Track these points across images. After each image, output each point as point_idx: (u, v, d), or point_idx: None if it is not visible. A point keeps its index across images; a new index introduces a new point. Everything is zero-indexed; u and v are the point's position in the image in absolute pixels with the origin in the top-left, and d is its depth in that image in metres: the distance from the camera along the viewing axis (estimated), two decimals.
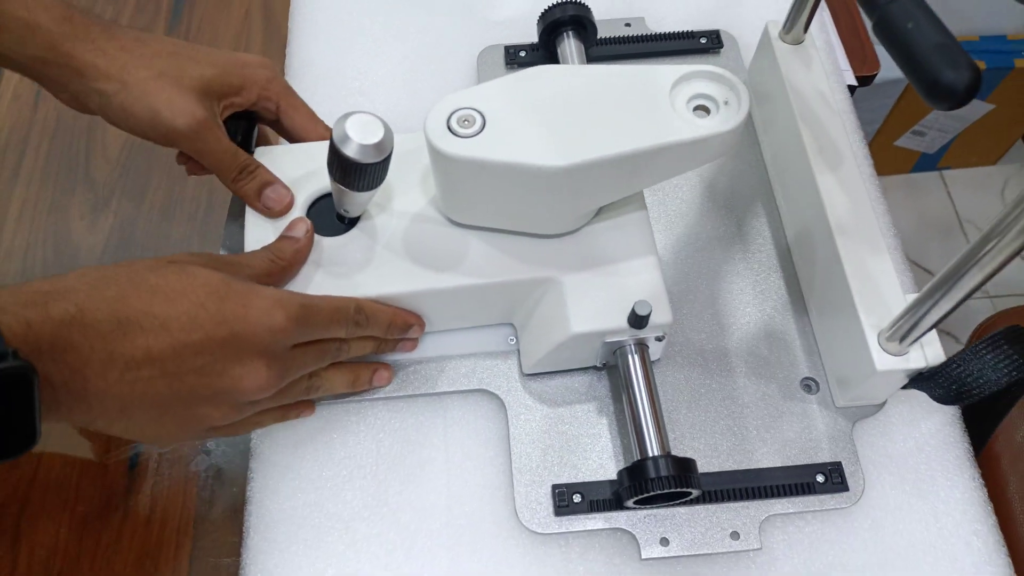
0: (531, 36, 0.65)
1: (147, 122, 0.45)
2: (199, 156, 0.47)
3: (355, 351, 0.47)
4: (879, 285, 0.47)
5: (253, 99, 0.49)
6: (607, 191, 0.46)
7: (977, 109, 1.52)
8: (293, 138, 0.52)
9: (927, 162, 1.66)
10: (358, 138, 0.42)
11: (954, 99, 0.40)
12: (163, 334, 0.37)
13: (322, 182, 0.50)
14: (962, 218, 1.65)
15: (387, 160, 0.43)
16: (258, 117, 0.52)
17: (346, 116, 0.42)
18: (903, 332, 0.43)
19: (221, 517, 0.51)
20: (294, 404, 0.47)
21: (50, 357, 0.34)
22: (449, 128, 0.43)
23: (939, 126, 1.56)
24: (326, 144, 0.51)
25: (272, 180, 0.48)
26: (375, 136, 0.42)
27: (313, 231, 0.47)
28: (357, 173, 0.43)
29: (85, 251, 0.61)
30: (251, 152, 0.51)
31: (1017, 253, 0.37)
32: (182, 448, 0.54)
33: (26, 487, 0.52)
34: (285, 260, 0.45)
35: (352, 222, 0.49)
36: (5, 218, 0.63)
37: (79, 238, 0.62)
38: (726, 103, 0.44)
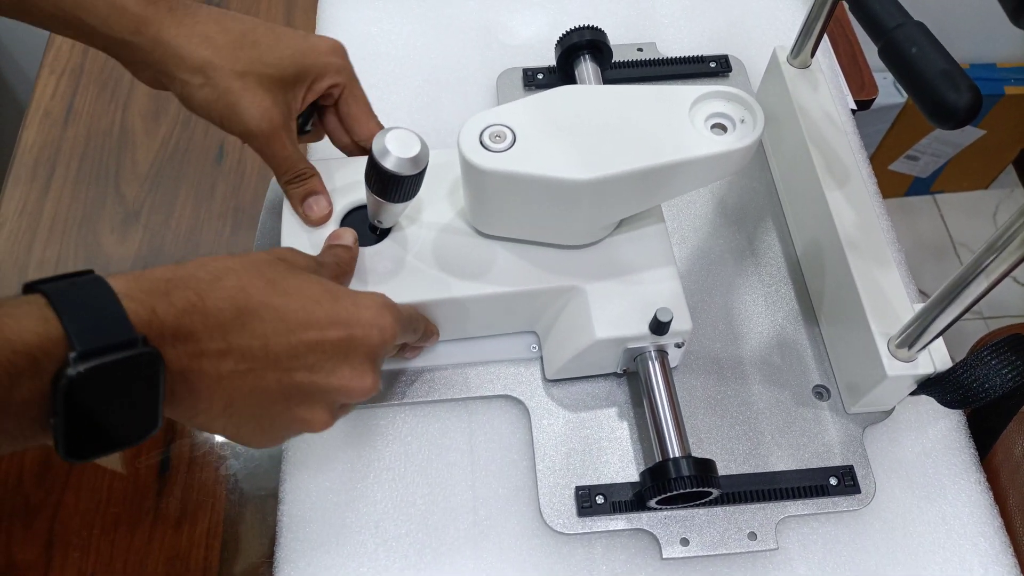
0: (547, 59, 0.68)
1: (225, 117, 0.47)
2: (263, 156, 0.49)
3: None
4: (887, 295, 0.49)
5: (325, 88, 0.50)
6: (629, 204, 0.48)
7: (969, 135, 1.56)
8: (346, 126, 0.53)
9: (920, 186, 1.70)
10: (396, 152, 0.44)
11: (956, 119, 0.43)
12: (280, 326, 0.37)
13: (352, 196, 0.52)
14: (955, 241, 1.68)
15: (422, 173, 0.46)
16: (318, 101, 0.52)
17: (385, 131, 0.44)
18: (912, 339, 0.46)
19: (250, 519, 0.53)
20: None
21: (171, 344, 0.34)
22: (481, 143, 0.45)
23: (932, 151, 1.60)
24: (354, 160, 0.54)
25: (319, 191, 0.51)
26: (412, 150, 0.44)
27: (358, 240, 0.49)
28: (394, 185, 0.45)
29: (116, 264, 0.63)
30: (305, 131, 0.52)
31: (1019, 263, 0.40)
32: (211, 451, 0.55)
33: (60, 490, 0.53)
34: (346, 265, 0.47)
35: (384, 233, 0.51)
36: (36, 231, 0.64)
37: (110, 251, 0.64)
38: (742, 121, 0.47)
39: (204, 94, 0.46)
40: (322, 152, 0.57)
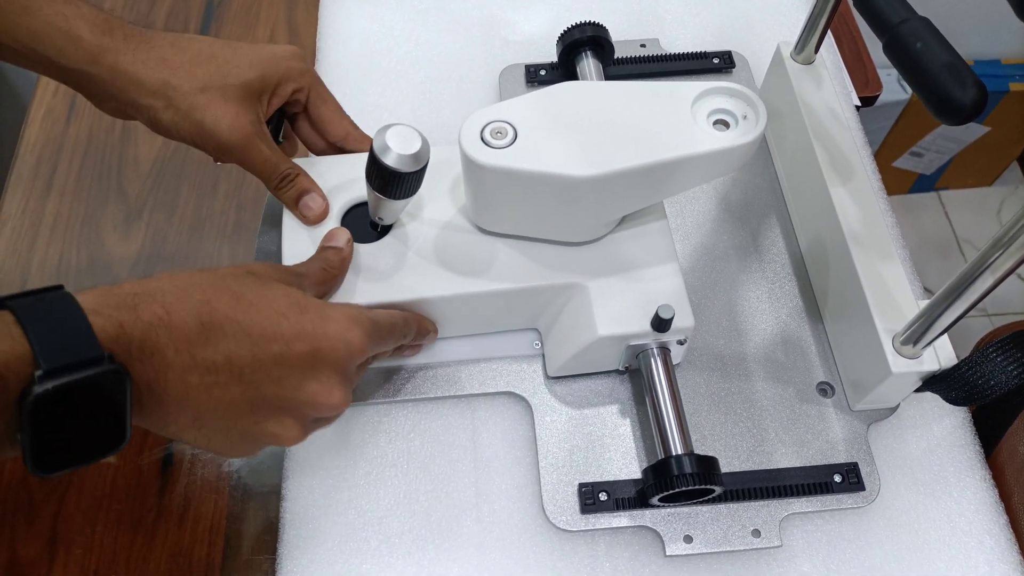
0: (549, 55, 0.68)
1: (195, 135, 0.47)
2: (244, 166, 0.49)
3: (382, 358, 0.48)
4: (892, 291, 0.49)
5: (289, 93, 0.50)
6: (631, 200, 0.48)
7: (973, 131, 1.55)
8: (318, 129, 0.53)
9: (924, 183, 1.70)
10: (397, 148, 0.44)
11: (961, 115, 0.42)
12: (245, 340, 0.37)
13: (353, 192, 0.52)
14: (959, 238, 1.68)
15: (423, 170, 0.45)
16: (285, 108, 0.52)
17: (386, 128, 0.44)
18: (917, 335, 0.45)
19: (253, 516, 0.52)
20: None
21: (138, 358, 0.34)
22: (483, 139, 0.45)
23: (936, 148, 1.59)
24: (355, 157, 0.54)
25: (310, 188, 0.50)
26: (413, 147, 0.44)
27: (352, 240, 0.49)
28: (395, 182, 0.45)
29: (118, 262, 0.63)
30: (278, 143, 0.52)
31: None
32: None
33: (63, 487, 0.53)
34: (335, 269, 0.47)
35: (385, 230, 0.51)
36: (39, 230, 0.64)
37: (112, 249, 0.64)
38: (744, 117, 0.46)
39: (168, 116, 0.46)
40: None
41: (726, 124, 0.47)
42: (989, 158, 1.64)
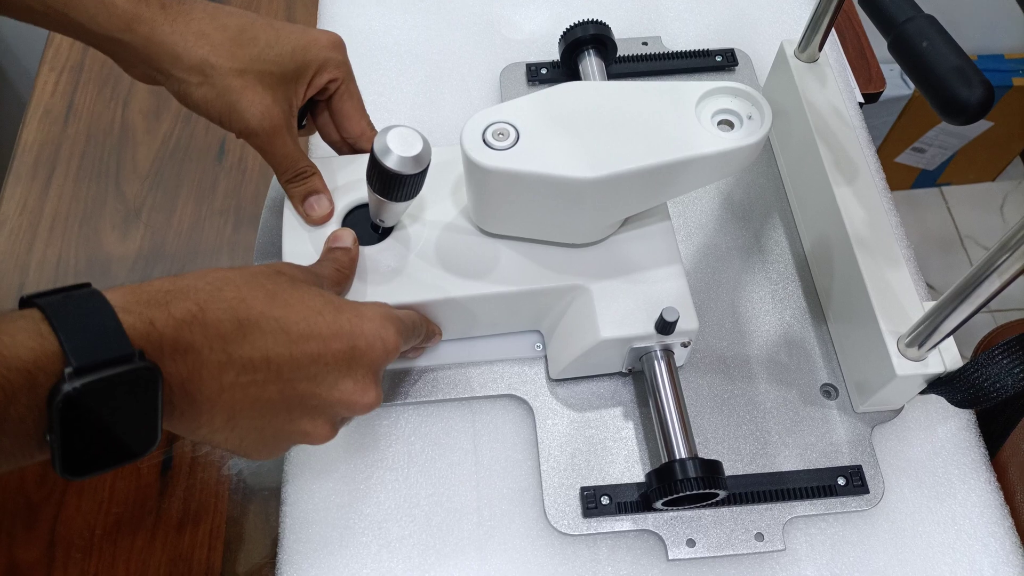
0: (550, 54, 0.68)
1: (225, 116, 0.46)
2: (264, 154, 0.48)
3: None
4: (897, 293, 0.48)
5: (324, 83, 0.49)
6: (635, 202, 0.48)
7: (976, 127, 1.55)
8: (337, 122, 0.52)
9: (927, 178, 1.69)
10: (398, 150, 0.43)
11: (967, 114, 0.42)
12: (282, 337, 0.36)
13: (354, 194, 0.52)
14: (962, 233, 1.67)
15: (424, 172, 0.45)
16: (315, 95, 0.52)
17: (387, 129, 0.44)
18: (922, 338, 0.45)
19: (253, 520, 0.52)
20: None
21: (170, 357, 0.33)
22: (484, 141, 0.45)
23: (939, 143, 1.58)
24: (358, 157, 0.53)
25: (320, 190, 0.50)
26: (414, 148, 0.44)
27: (358, 240, 0.48)
28: (396, 184, 0.44)
29: (117, 261, 0.63)
30: (300, 126, 0.52)
31: None
32: (213, 452, 0.55)
33: (61, 490, 0.53)
34: (347, 269, 0.46)
35: (387, 232, 0.50)
36: (37, 229, 0.64)
37: (111, 249, 0.63)
38: (749, 117, 0.46)
39: (202, 92, 0.45)
40: (324, 150, 0.56)
41: (731, 124, 0.46)
42: (992, 153, 1.63)
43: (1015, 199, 1.70)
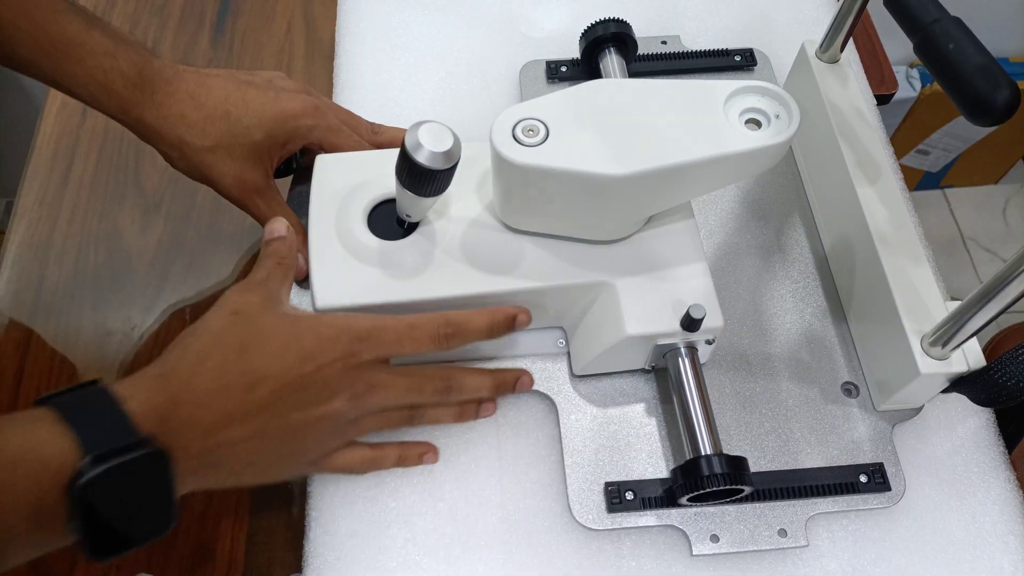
0: (569, 52, 0.68)
1: (205, 183, 0.53)
2: (247, 212, 0.54)
3: (467, 391, 0.49)
4: (920, 292, 0.49)
5: (299, 148, 0.55)
6: (662, 199, 0.48)
7: (979, 129, 1.55)
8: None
9: (930, 180, 1.70)
10: (429, 146, 0.44)
11: (995, 115, 0.42)
12: (264, 384, 0.41)
13: (380, 189, 0.52)
14: (965, 236, 1.68)
15: (454, 167, 0.45)
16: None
17: (418, 125, 0.44)
18: (946, 337, 0.45)
19: (276, 512, 0.52)
20: (415, 446, 0.50)
21: (180, 435, 0.38)
22: (514, 137, 0.45)
23: (943, 145, 1.59)
24: (383, 153, 0.54)
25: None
26: (445, 144, 0.44)
27: (290, 224, 0.50)
28: (427, 179, 0.45)
29: (136, 255, 0.63)
30: (294, 170, 0.58)
31: None
32: None
33: None
34: (289, 258, 0.48)
35: (411, 227, 0.51)
36: (56, 222, 0.64)
37: (130, 242, 0.63)
38: (777, 117, 0.46)
39: (182, 166, 0.53)
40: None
41: (758, 123, 0.46)
42: (995, 156, 1.64)
43: (1018, 202, 1.71)
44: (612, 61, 0.62)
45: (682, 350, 0.49)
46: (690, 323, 0.47)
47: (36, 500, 0.34)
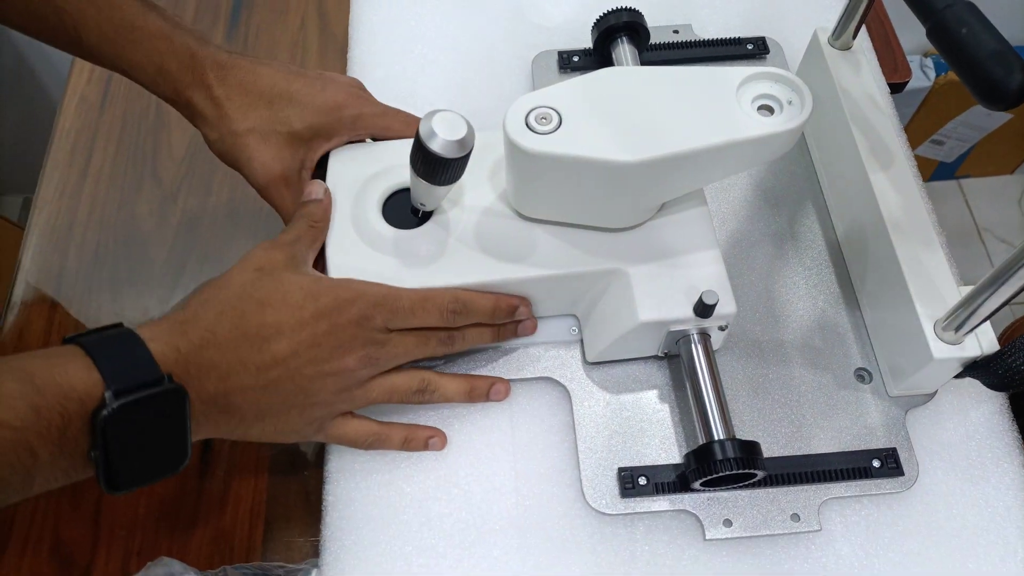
0: (581, 41, 0.68)
1: (235, 166, 0.53)
2: (269, 202, 0.54)
3: (470, 340, 0.50)
4: (933, 277, 0.49)
5: (344, 140, 0.54)
6: (675, 186, 0.48)
7: (995, 119, 1.54)
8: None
9: (945, 171, 1.69)
10: (444, 134, 0.44)
11: (1008, 100, 0.42)
12: (280, 338, 0.43)
13: (394, 179, 0.52)
14: (980, 226, 1.67)
15: (468, 155, 0.46)
16: None
17: (432, 113, 0.44)
18: (959, 321, 0.45)
19: (294, 498, 0.53)
20: (422, 430, 0.51)
21: (196, 376, 0.40)
22: (528, 125, 0.45)
23: (958, 135, 1.58)
24: (397, 144, 0.54)
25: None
26: (459, 132, 0.44)
27: (329, 190, 0.51)
28: (441, 167, 0.45)
29: (155, 245, 0.63)
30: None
31: None
32: None
33: None
34: (321, 222, 0.50)
35: (426, 216, 0.51)
36: (76, 214, 0.65)
37: (148, 233, 0.64)
38: (789, 103, 0.46)
39: (218, 147, 0.53)
40: None
41: (771, 110, 0.46)
42: (1010, 146, 1.63)
43: None
44: (624, 50, 0.62)
45: (695, 336, 0.49)
46: (703, 309, 0.47)
47: (62, 426, 0.35)
